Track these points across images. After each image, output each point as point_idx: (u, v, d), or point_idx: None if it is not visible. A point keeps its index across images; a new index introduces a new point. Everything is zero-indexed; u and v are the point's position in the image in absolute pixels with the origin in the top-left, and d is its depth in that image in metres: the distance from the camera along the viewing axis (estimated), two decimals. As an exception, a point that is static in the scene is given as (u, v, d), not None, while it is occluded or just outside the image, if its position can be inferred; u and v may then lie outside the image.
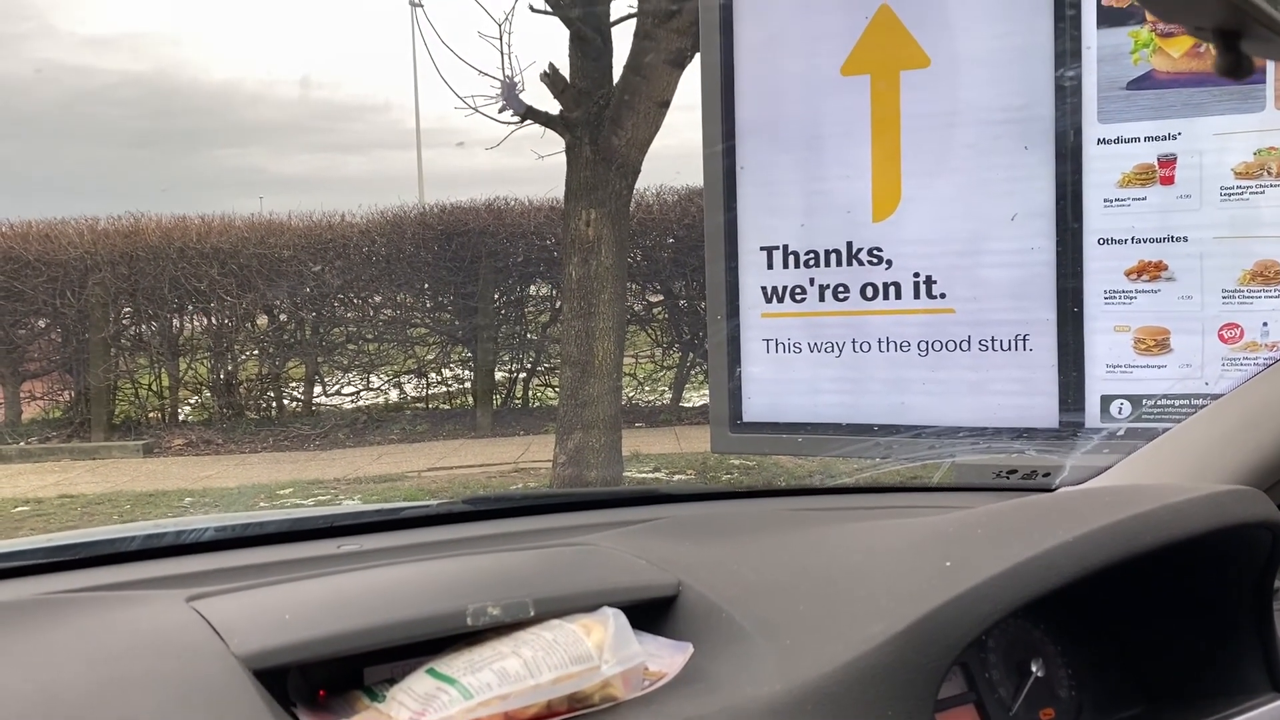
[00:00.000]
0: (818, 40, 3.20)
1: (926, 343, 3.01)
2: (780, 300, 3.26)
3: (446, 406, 10.49)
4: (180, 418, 10.14)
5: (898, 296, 3.08)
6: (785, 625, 0.97)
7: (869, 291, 3.12)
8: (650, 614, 1.06)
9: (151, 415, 10.05)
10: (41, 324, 10.09)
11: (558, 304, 10.03)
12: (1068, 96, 2.96)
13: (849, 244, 3.17)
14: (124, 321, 9.96)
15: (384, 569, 1.11)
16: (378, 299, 10.29)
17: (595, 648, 0.92)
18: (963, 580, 0.96)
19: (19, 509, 6.99)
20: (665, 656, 0.99)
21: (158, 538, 1.20)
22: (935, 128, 3.13)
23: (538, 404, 10.53)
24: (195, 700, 0.80)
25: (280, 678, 0.90)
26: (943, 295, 3.02)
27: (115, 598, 1.00)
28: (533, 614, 0.97)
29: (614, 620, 0.96)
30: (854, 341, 3.12)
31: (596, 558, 1.14)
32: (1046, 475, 1.61)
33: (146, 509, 6.79)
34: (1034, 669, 1.23)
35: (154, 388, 10.08)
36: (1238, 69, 0.38)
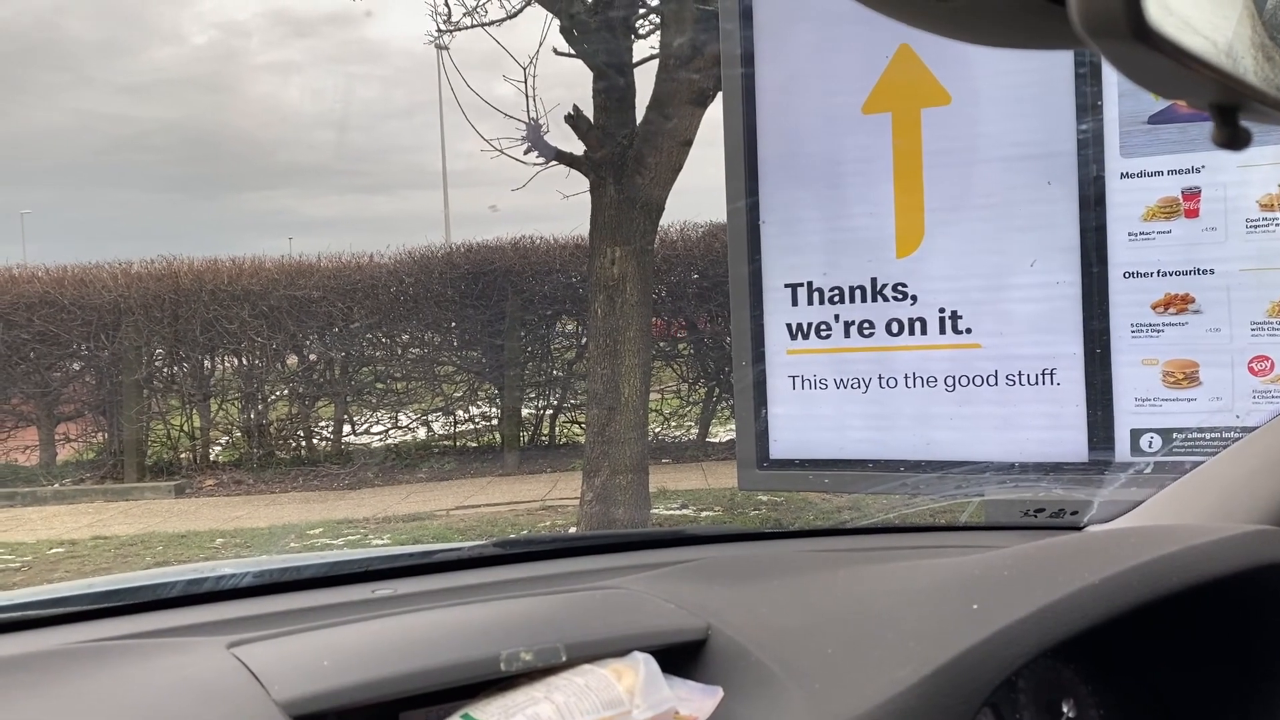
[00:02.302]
0: (838, 79, 3.24)
1: (953, 378, 3.01)
2: (805, 336, 3.28)
3: (474, 444, 10.53)
4: (211, 458, 10.24)
5: (923, 332, 3.08)
6: (814, 669, 0.98)
7: (894, 327, 3.13)
8: (680, 658, 1.07)
9: (183, 456, 10.15)
10: (76, 366, 10.25)
11: (583, 341, 10.08)
12: (1089, 132, 2.97)
13: (873, 280, 3.19)
14: (156, 363, 10.10)
15: (418, 614, 1.13)
16: (405, 338, 10.38)
17: (627, 692, 0.94)
18: (990, 623, 0.96)
19: (54, 550, 7.07)
20: (695, 700, 1.00)
21: (198, 583, 1.22)
22: (957, 164, 3.15)
23: (564, 441, 10.55)
24: (237, 747, 0.82)
25: (318, 724, 0.92)
26: (968, 330, 3.02)
27: (158, 645, 1.02)
28: (564, 659, 0.98)
29: (645, 665, 0.97)
30: (880, 377, 3.13)
31: (626, 601, 1.16)
32: (1074, 513, 1.61)
33: (179, 550, 6.85)
34: (1065, 710, 1.23)
35: (186, 429, 10.20)
36: (1235, 141, 0.40)
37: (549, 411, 10.58)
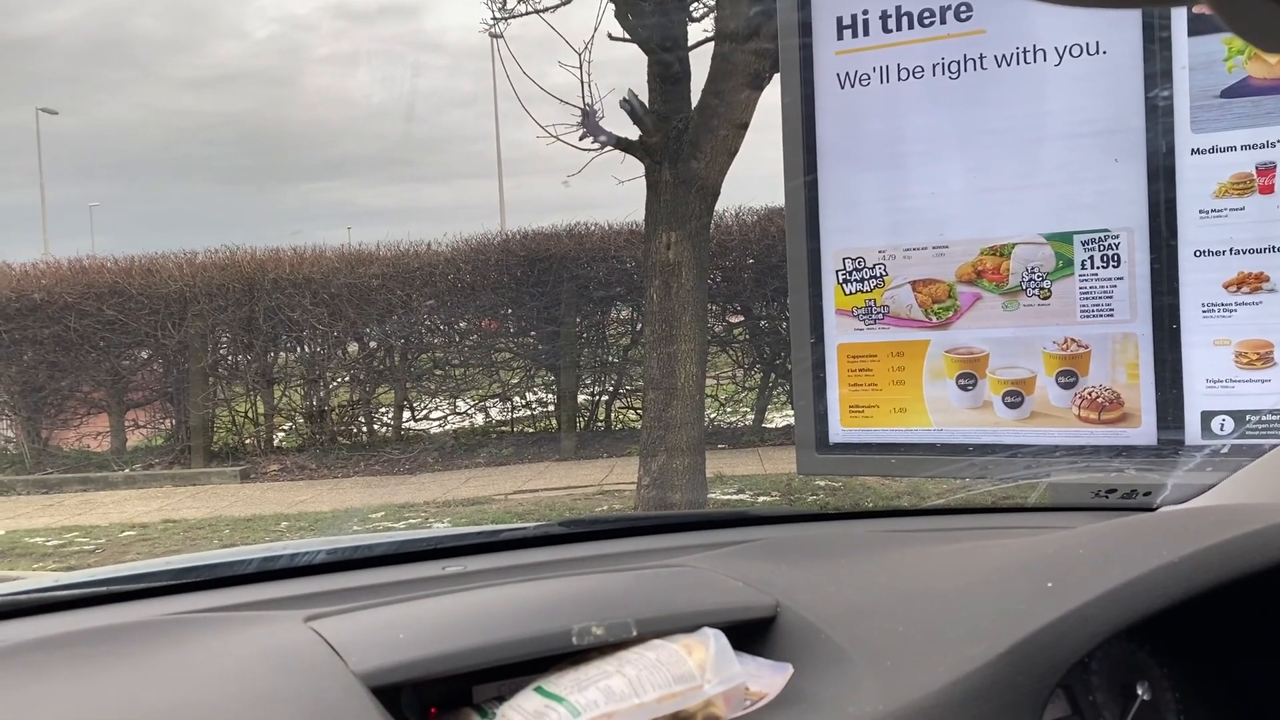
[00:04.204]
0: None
1: (1020, 360, 2.97)
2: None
3: (531, 430, 10.61)
4: (275, 444, 10.45)
5: (989, 312, 3.04)
6: (885, 646, 0.98)
7: (957, 309, 3.09)
8: (748, 635, 1.08)
9: (248, 442, 10.37)
10: (144, 355, 10.50)
11: (639, 327, 10.09)
12: (1159, 107, 2.90)
13: (936, 261, 3.14)
14: (221, 351, 10.32)
15: (489, 590, 1.15)
16: (463, 325, 10.49)
17: (698, 667, 0.94)
18: (1066, 601, 0.95)
19: (126, 533, 7.28)
20: (765, 677, 1.00)
21: (273, 560, 1.25)
22: (1021, 142, 3.10)
23: (620, 426, 10.58)
24: (318, 717, 0.84)
25: (394, 695, 0.94)
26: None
27: (238, 618, 1.05)
28: (635, 634, 0.99)
29: (715, 640, 0.97)
30: (945, 359, 3.09)
31: (694, 579, 1.16)
32: (1147, 494, 1.58)
33: (245, 533, 7.00)
34: (1140, 692, 1.21)
35: (250, 415, 10.41)
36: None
37: (604, 397, 10.62)
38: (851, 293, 3.29)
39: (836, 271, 3.29)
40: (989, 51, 3.15)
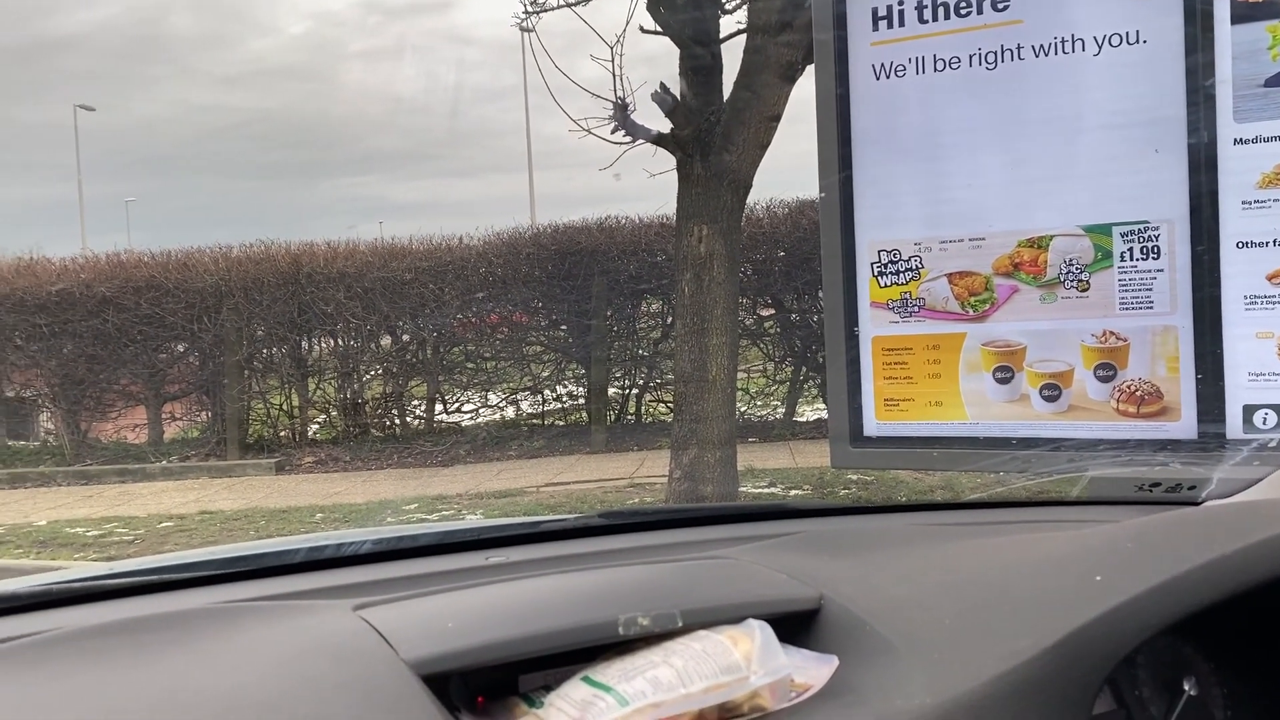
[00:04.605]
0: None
1: (1058, 353, 2.94)
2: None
3: (561, 423, 10.65)
4: (310, 436, 10.55)
5: (1027, 305, 3.02)
6: (931, 639, 0.98)
7: (995, 301, 3.07)
8: (792, 627, 1.08)
9: (283, 434, 10.47)
10: (180, 348, 10.63)
11: (669, 320, 10.09)
12: (1200, 96, 2.86)
13: (972, 254, 3.12)
14: (256, 344, 10.43)
15: (532, 580, 1.16)
16: (494, 318, 10.53)
17: (744, 658, 0.95)
18: (1115, 594, 0.94)
19: (164, 524, 7.38)
20: (811, 669, 1.01)
21: (320, 550, 1.27)
22: (1060, 133, 3.06)
23: (650, 420, 10.59)
24: (371, 705, 0.86)
25: (443, 684, 0.95)
26: (1071, 302, 2.95)
27: (288, 606, 1.06)
28: (680, 625, 0.99)
29: (760, 632, 0.98)
30: (981, 351, 3.07)
31: (737, 571, 1.16)
32: (1192, 488, 1.57)
33: (281, 524, 7.08)
34: (1186, 687, 1.20)
35: (285, 408, 10.51)
36: None
37: (634, 390, 10.63)
38: (887, 285, 3.27)
39: (871, 264, 3.27)
40: (1026, 41, 3.12)
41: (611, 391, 10.55)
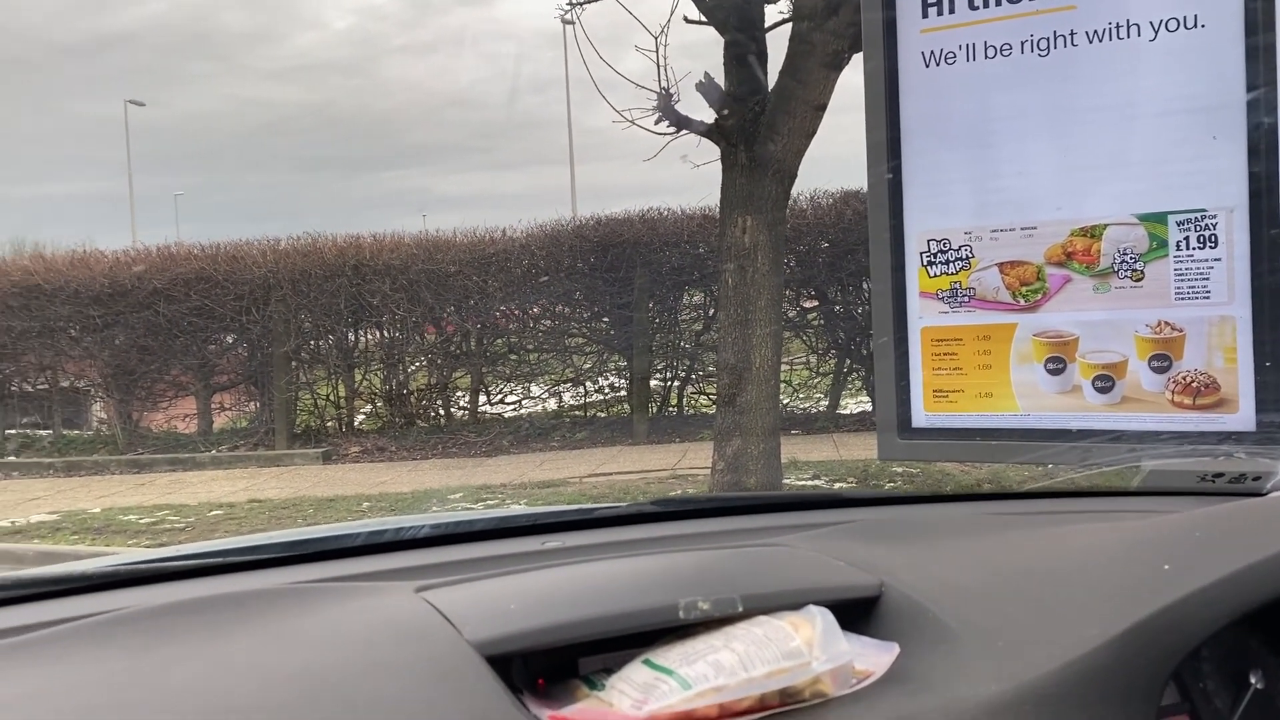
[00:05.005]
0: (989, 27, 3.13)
1: (1113, 342, 2.89)
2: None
3: (603, 415, 10.67)
4: (356, 426, 10.67)
5: (1082, 295, 2.97)
6: (996, 627, 0.97)
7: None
8: (851, 614, 1.07)
9: (329, 424, 10.60)
10: (229, 339, 10.79)
11: (711, 312, 10.07)
12: (1261, 81, 2.80)
13: (1023, 243, 3.08)
14: (304, 336, 10.56)
15: (590, 564, 1.16)
16: (536, 310, 10.58)
17: (805, 644, 0.94)
18: (1184, 584, 0.93)
19: (214, 512, 7.51)
20: (871, 656, 1.00)
21: (380, 534, 1.29)
22: (1114, 120, 3.01)
23: (692, 411, 10.59)
24: (437, 684, 0.87)
25: (504, 665, 0.96)
26: (1127, 293, 2.90)
27: (352, 588, 1.08)
28: (740, 610, 0.99)
29: (822, 618, 0.97)
30: (1032, 341, 3.03)
31: (796, 558, 1.16)
32: (1256, 479, 1.54)
33: (328, 513, 7.18)
34: (1253, 680, 1.17)
35: (331, 398, 10.64)
36: None
37: (676, 382, 10.63)
38: (936, 275, 3.23)
39: (921, 253, 3.24)
40: (1080, 27, 3.06)
41: (653, 383, 10.56)
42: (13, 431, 10.92)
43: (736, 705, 0.91)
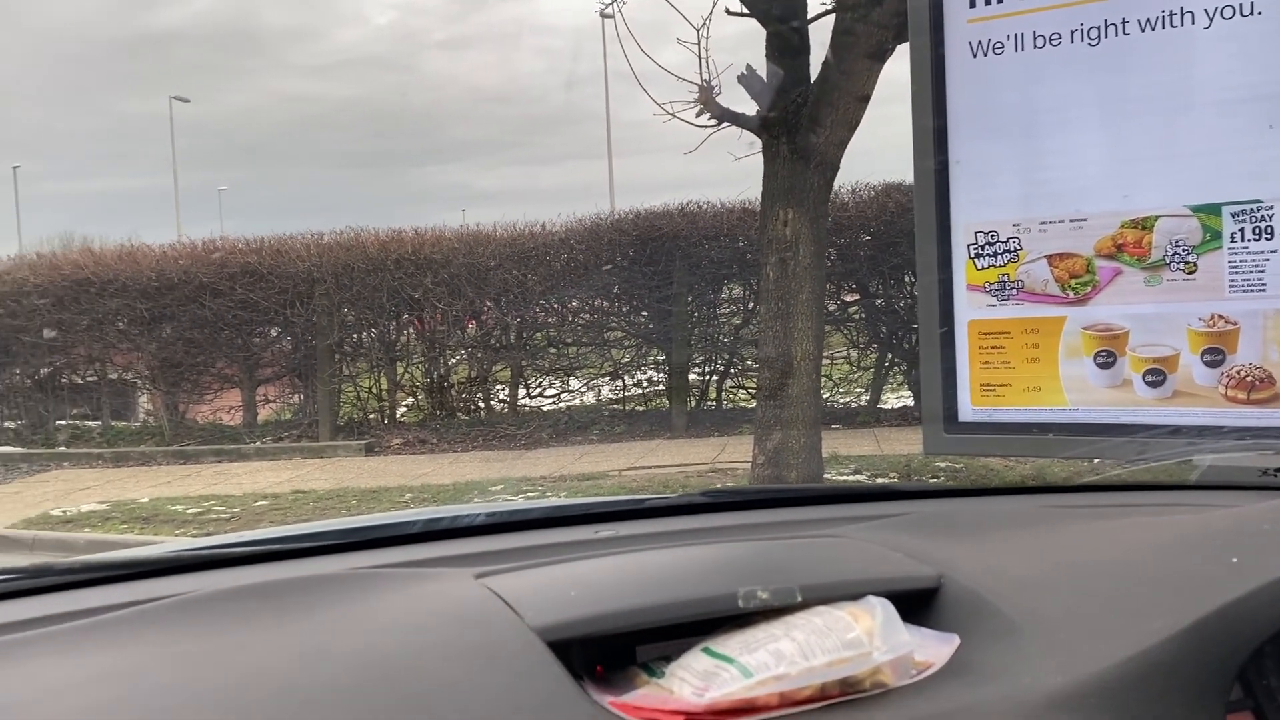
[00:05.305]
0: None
1: (1167, 335, 2.85)
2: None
3: (642, 408, 10.69)
4: (398, 418, 10.77)
5: (1137, 286, 2.93)
6: (1058, 619, 0.96)
7: (1099, 282, 2.99)
8: (909, 605, 1.07)
9: (371, 417, 10.71)
10: (274, 332, 10.93)
11: (751, 305, 10.04)
12: (1321, 68, 2.74)
13: (1073, 234, 3.04)
14: (346, 329, 10.67)
15: (646, 553, 1.17)
16: (575, 304, 10.61)
17: (865, 634, 0.94)
18: (1253, 577, 0.92)
19: (259, 503, 7.61)
20: (931, 647, 1.00)
21: (436, 521, 1.30)
22: (1166, 110, 2.96)
23: (731, 405, 10.57)
24: (500, 669, 0.87)
25: (564, 651, 0.97)
26: (1185, 284, 2.86)
27: (413, 573, 1.09)
28: (799, 600, 0.99)
29: (882, 608, 0.97)
30: (1084, 334, 3.00)
31: (853, 549, 1.16)
32: (1321, 474, 1.51)
33: (371, 504, 7.25)
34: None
35: (374, 391, 10.74)
36: None
37: (715, 376, 10.62)
38: (983, 268, 3.20)
39: (968, 246, 3.21)
40: (1131, 16, 3.02)
41: (692, 377, 10.56)
42: (63, 422, 11.14)
43: (797, 694, 0.91)
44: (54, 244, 20.80)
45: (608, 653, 1.02)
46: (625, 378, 10.72)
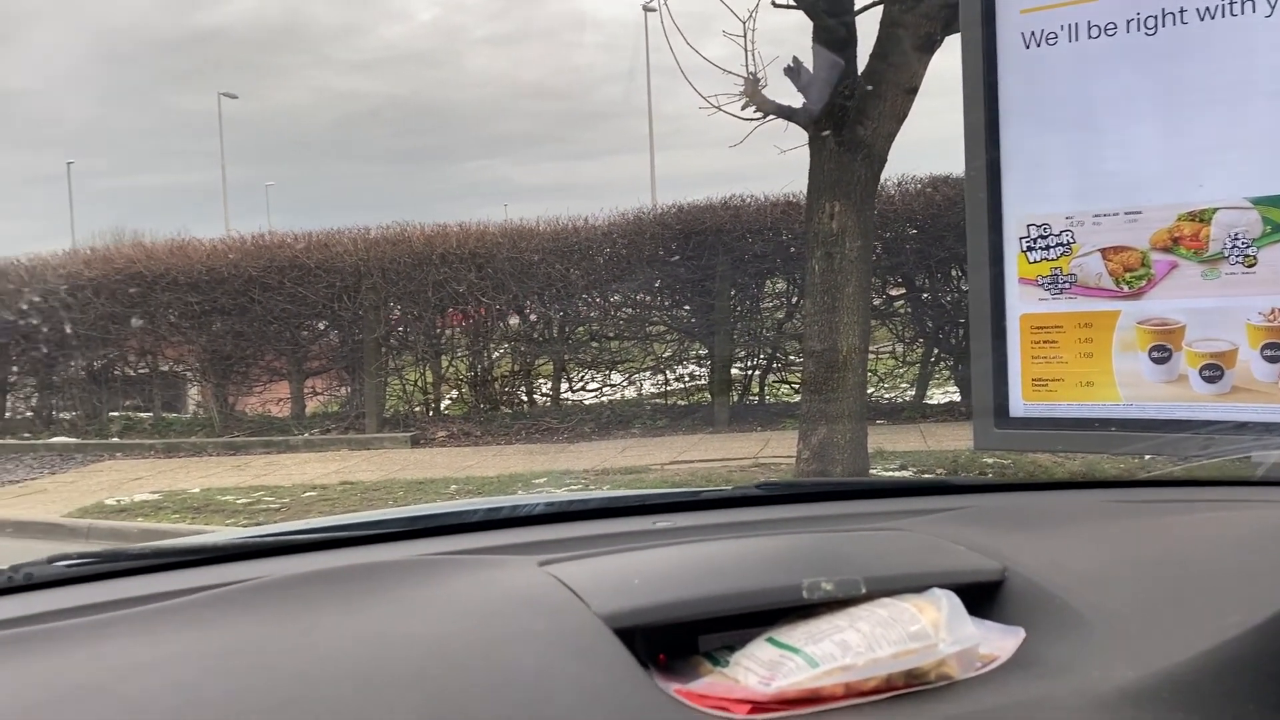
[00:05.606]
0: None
1: (1225, 331, 2.80)
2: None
3: (683, 403, 10.68)
4: (442, 411, 10.85)
5: (1197, 280, 2.88)
6: (1127, 613, 0.95)
7: (1155, 277, 2.94)
8: (973, 598, 1.06)
9: (417, 409, 10.80)
10: (321, 326, 11.06)
11: (795, 299, 10.00)
12: (1389, 55, 2.68)
13: (1130, 227, 3.00)
14: (392, 323, 10.77)
15: (705, 544, 1.17)
16: (617, 298, 10.62)
17: (931, 626, 0.94)
18: (1328, 574, 0.90)
19: (308, 494, 7.71)
20: (995, 640, 0.99)
21: (496, 510, 1.32)
22: (1225, 100, 2.91)
23: (773, 400, 10.53)
24: (568, 656, 0.88)
25: (629, 639, 0.97)
26: (1242, 279, 2.80)
27: (477, 561, 1.11)
28: (864, 591, 0.99)
29: (947, 600, 0.97)
30: (1142, 328, 2.95)
31: (915, 542, 1.15)
32: (1391, 470, 1.48)
33: (418, 495, 7.32)
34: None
35: (419, 384, 10.84)
36: None
37: (757, 371, 10.59)
38: (1036, 261, 3.17)
39: (1020, 239, 3.17)
40: (1190, 5, 2.96)
41: (734, 371, 10.53)
42: (116, 414, 11.36)
43: (862, 685, 0.91)
44: (105, 238, 21.20)
45: (670, 642, 1.03)
46: (667, 372, 10.72)
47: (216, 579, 1.10)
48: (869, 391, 9.60)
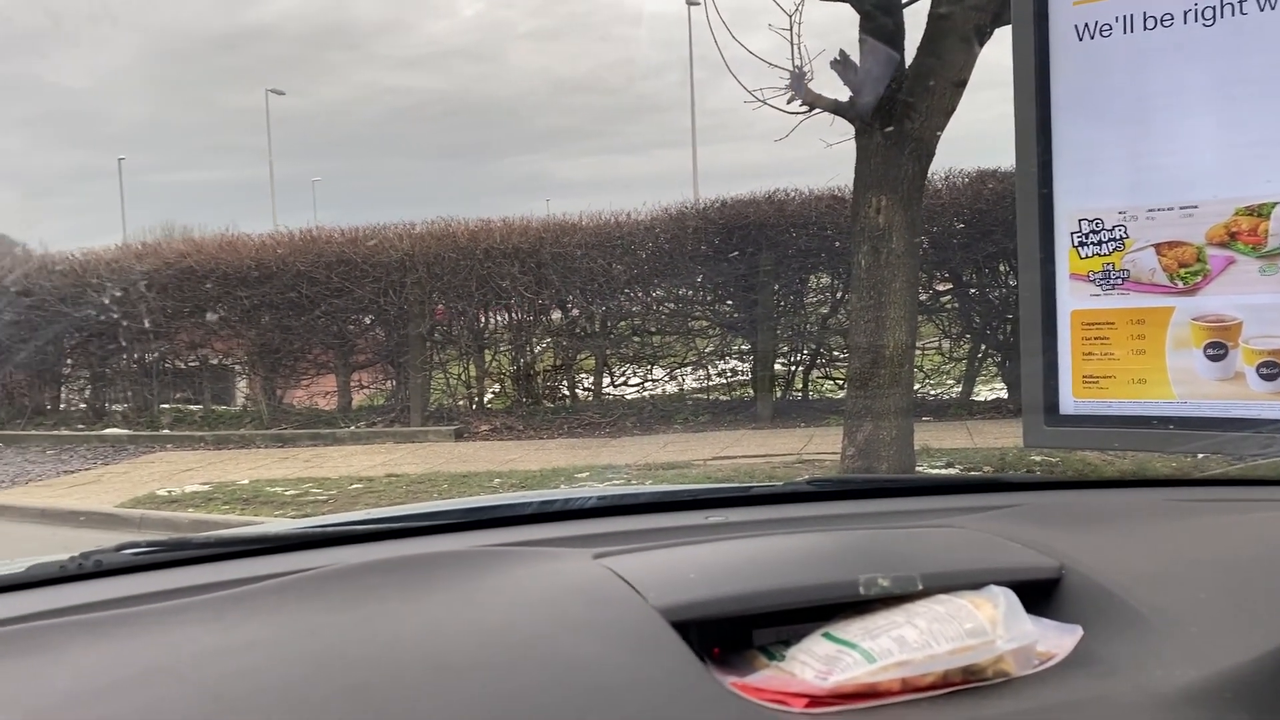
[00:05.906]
0: (1146, -1, 3.00)
1: (1279, 326, 2.75)
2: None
3: (725, 398, 10.67)
4: (485, 405, 10.93)
5: (1249, 277, 2.83)
6: (1187, 613, 0.94)
7: (1209, 273, 2.89)
8: (1029, 596, 1.06)
9: (460, 403, 10.89)
10: (368, 320, 11.18)
11: (840, 294, 9.93)
12: None
13: (1184, 223, 2.95)
14: (437, 317, 10.86)
15: (758, 539, 1.18)
16: (660, 293, 10.62)
17: (989, 623, 0.94)
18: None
19: (354, 486, 7.81)
20: (1052, 637, 0.99)
21: (550, 503, 1.33)
22: (1284, 93, 2.85)
23: (817, 396, 10.48)
24: (625, 647, 0.89)
25: (683, 632, 0.98)
26: (1296, 275, 2.75)
27: (533, 552, 1.12)
28: (920, 588, 0.99)
29: (1005, 597, 0.97)
30: (1193, 324, 2.90)
31: (970, 538, 1.15)
32: None
33: (462, 488, 7.38)
34: None
35: (463, 378, 10.93)
36: None
37: (801, 366, 10.54)
38: (1088, 256, 3.13)
39: (1072, 234, 3.13)
40: (1250, -5, 2.90)
41: (778, 367, 10.49)
42: (167, 406, 11.57)
43: (919, 681, 0.91)
44: (156, 233, 21.58)
45: (725, 635, 1.04)
46: (709, 367, 10.70)
47: (279, 568, 1.13)
48: (915, 388, 9.53)
